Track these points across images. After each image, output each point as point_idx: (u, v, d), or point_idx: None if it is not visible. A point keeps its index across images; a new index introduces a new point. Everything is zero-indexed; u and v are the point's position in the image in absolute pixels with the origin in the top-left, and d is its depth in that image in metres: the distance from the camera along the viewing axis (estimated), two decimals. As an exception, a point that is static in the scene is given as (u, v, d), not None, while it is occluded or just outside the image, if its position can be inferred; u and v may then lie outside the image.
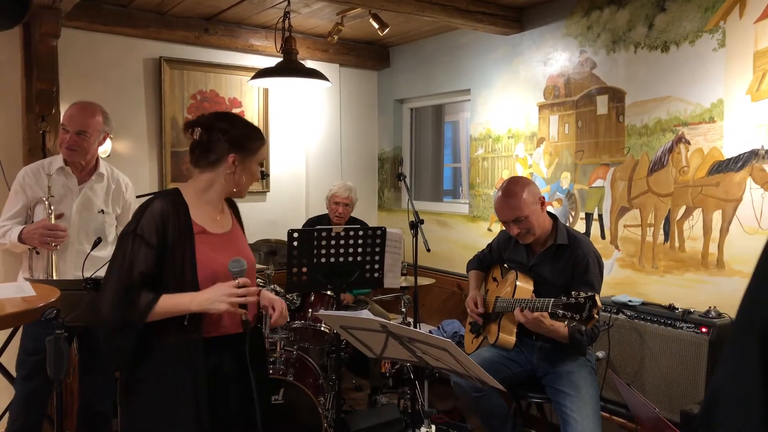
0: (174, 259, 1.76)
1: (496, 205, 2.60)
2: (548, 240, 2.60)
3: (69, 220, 2.66)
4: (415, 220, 3.09)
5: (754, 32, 2.79)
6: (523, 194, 2.52)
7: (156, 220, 1.75)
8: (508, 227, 2.58)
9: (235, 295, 1.74)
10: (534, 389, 2.66)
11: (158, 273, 1.75)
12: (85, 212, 2.71)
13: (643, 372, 2.94)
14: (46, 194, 2.57)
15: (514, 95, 4.00)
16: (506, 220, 2.56)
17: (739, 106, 2.85)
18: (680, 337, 2.81)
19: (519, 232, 2.54)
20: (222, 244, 1.87)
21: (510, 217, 2.53)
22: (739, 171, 2.86)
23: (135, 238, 1.74)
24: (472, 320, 2.92)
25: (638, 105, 3.27)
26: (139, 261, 1.72)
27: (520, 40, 3.93)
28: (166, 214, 1.77)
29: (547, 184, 3.81)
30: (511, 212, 2.52)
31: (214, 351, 1.81)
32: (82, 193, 2.71)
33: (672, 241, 3.15)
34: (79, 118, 2.65)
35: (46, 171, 2.62)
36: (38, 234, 2.50)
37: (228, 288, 1.74)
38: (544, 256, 2.60)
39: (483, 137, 4.26)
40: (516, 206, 2.50)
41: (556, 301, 2.23)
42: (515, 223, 2.53)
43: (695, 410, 2.46)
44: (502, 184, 2.62)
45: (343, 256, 2.84)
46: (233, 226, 1.98)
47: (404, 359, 2.12)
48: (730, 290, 2.89)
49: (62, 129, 2.66)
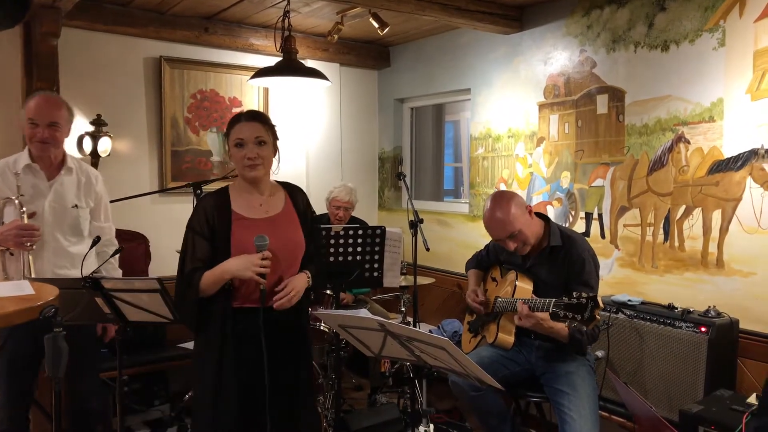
0: (219, 242, 2.11)
1: (488, 225, 2.57)
2: (542, 242, 2.60)
3: (42, 217, 2.56)
4: (415, 220, 3.09)
5: (754, 31, 2.78)
6: (511, 209, 2.49)
7: (204, 213, 2.13)
8: (503, 243, 2.57)
9: (258, 265, 2.02)
10: (532, 388, 2.65)
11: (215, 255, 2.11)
12: (58, 208, 2.61)
13: (643, 371, 2.94)
14: (16, 194, 2.46)
15: (515, 94, 4.00)
16: (501, 238, 2.55)
17: (739, 106, 2.84)
18: (679, 336, 2.81)
19: (516, 246, 2.54)
20: (260, 227, 2.12)
21: (503, 234, 2.52)
22: (739, 170, 2.85)
23: (189, 231, 2.14)
24: (470, 320, 2.92)
25: (638, 104, 3.27)
26: (195, 249, 2.11)
27: (520, 40, 3.93)
28: (211, 206, 2.14)
29: (547, 184, 3.81)
30: (503, 230, 2.51)
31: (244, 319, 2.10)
32: (53, 189, 2.61)
33: (672, 241, 3.15)
34: (48, 110, 2.54)
35: (12, 170, 2.51)
36: (12, 235, 2.42)
37: (253, 258, 2.03)
38: (539, 258, 2.60)
39: (483, 136, 4.26)
40: (507, 222, 2.49)
41: (557, 302, 2.21)
42: (510, 239, 2.52)
43: (694, 410, 2.46)
44: (488, 203, 2.58)
45: (342, 255, 2.84)
46: (282, 211, 2.22)
47: (403, 358, 2.12)
48: (730, 290, 2.89)
49: (30, 123, 2.52)
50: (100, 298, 2.24)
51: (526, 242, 2.54)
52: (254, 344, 2.07)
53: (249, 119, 2.15)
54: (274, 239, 2.10)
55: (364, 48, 4.88)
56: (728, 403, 2.48)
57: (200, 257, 2.11)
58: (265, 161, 2.15)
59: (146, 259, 3.99)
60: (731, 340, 2.80)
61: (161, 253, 3.94)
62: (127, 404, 3.21)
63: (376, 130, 5.20)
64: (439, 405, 3.77)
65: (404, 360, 2.30)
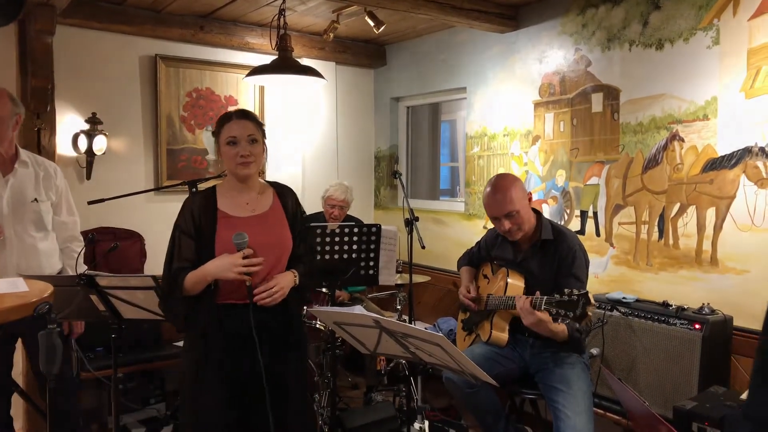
0: (205, 241, 2.10)
1: (487, 201, 2.59)
2: (534, 236, 2.61)
3: (1, 214, 2.51)
4: (410, 218, 3.10)
5: (748, 30, 2.80)
6: (513, 189, 2.52)
7: (191, 212, 2.13)
8: (498, 223, 2.57)
9: (239, 265, 2.00)
10: (527, 385, 2.66)
11: None
12: (17, 204, 2.56)
13: (637, 368, 2.95)
14: None
15: (510, 93, 4.01)
16: (498, 216, 2.56)
17: (733, 104, 2.86)
18: (674, 333, 2.82)
19: (510, 228, 2.54)
20: (245, 225, 2.11)
21: (501, 212, 2.53)
22: (733, 168, 2.86)
23: (176, 230, 2.13)
24: (464, 318, 2.93)
25: (633, 103, 3.28)
26: (181, 248, 2.10)
27: (516, 38, 3.93)
28: (197, 206, 2.14)
29: (543, 182, 3.82)
30: (502, 207, 2.52)
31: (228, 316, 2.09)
32: (9, 185, 2.56)
33: (666, 239, 3.16)
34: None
35: None
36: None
37: (233, 258, 2.01)
38: (531, 251, 2.61)
39: (479, 135, 4.26)
40: (507, 201, 2.51)
41: (549, 299, 2.22)
42: (507, 218, 2.53)
43: (688, 406, 2.47)
44: (491, 181, 2.61)
45: (338, 253, 2.84)
46: (269, 209, 2.21)
47: (398, 355, 2.13)
48: (724, 287, 2.90)
49: None
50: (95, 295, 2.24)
51: (521, 226, 2.55)
52: (239, 341, 2.06)
53: (240, 117, 2.15)
54: (260, 237, 2.09)
55: (360, 47, 4.88)
56: (722, 400, 2.49)
57: (186, 257, 2.10)
58: (257, 159, 2.16)
59: (141, 257, 3.99)
60: (725, 337, 2.81)
61: (156, 251, 3.92)
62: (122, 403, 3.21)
63: (372, 128, 5.20)
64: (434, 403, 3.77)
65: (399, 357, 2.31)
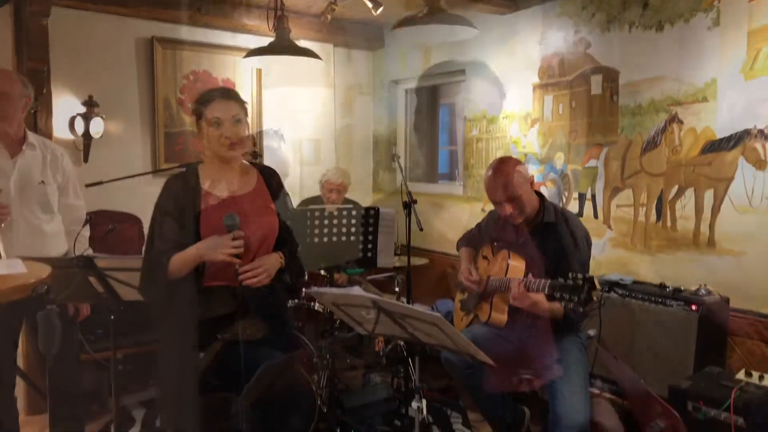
0: (188, 221, 2.04)
1: (489, 185, 2.57)
2: (536, 218, 2.60)
3: (8, 195, 2.51)
4: (408, 201, 3.09)
5: (748, 10, 2.78)
6: (515, 173, 2.50)
7: (173, 192, 2.07)
8: (500, 207, 2.55)
9: (229, 246, 1.96)
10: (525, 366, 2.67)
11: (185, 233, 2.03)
12: (24, 185, 2.56)
13: (634, 349, 2.97)
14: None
15: (509, 75, 3.99)
16: (499, 200, 2.54)
17: (733, 86, 2.84)
18: (670, 314, 2.83)
19: (511, 212, 2.52)
20: (230, 206, 2.06)
21: (503, 196, 2.50)
22: (732, 150, 2.86)
23: (157, 211, 2.07)
24: (462, 298, 2.93)
25: (632, 85, 3.27)
26: (163, 229, 2.03)
27: (515, 20, 3.90)
28: (180, 186, 2.08)
29: (541, 165, 3.81)
30: (503, 192, 2.50)
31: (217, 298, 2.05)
32: (17, 167, 2.55)
33: (664, 221, 3.16)
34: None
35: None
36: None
37: (223, 240, 1.97)
38: (533, 234, 2.59)
39: (478, 118, 4.25)
40: (510, 184, 2.48)
41: (553, 283, 2.20)
42: (508, 203, 2.51)
43: (683, 385, 2.49)
44: (493, 164, 2.59)
45: (336, 235, 2.85)
46: (253, 190, 2.17)
47: (396, 335, 2.13)
48: (721, 269, 2.91)
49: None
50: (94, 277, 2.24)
51: (522, 210, 2.52)
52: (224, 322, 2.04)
53: (224, 97, 2.08)
54: (244, 218, 2.04)
55: (359, 29, 4.84)
56: (717, 379, 2.51)
57: (169, 238, 2.04)
58: (242, 141, 2.10)
59: (140, 241, 3.98)
60: (722, 318, 2.83)
61: (155, 235, 3.93)
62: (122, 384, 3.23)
63: (371, 111, 5.18)
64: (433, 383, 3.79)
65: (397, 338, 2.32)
